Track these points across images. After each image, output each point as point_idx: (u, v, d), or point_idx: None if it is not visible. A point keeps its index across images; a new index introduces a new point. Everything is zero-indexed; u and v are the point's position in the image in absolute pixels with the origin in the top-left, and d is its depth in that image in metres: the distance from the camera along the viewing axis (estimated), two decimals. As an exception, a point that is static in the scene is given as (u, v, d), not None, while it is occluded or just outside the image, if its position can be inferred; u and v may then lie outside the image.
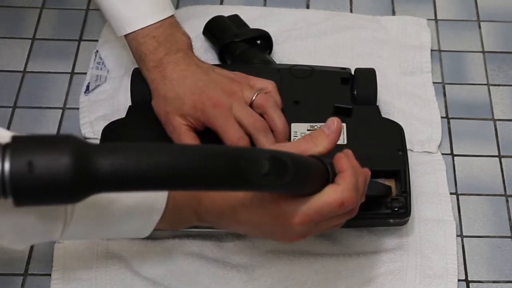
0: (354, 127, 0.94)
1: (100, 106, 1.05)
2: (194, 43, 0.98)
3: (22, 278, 0.91)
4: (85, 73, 1.09)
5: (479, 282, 0.91)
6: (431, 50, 1.11)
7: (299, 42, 1.11)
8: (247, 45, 1.04)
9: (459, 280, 0.90)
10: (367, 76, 0.99)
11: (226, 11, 1.11)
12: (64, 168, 0.54)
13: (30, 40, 1.13)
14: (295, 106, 0.97)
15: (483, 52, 1.13)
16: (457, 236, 0.94)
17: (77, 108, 1.05)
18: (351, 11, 1.17)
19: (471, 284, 0.91)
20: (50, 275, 0.90)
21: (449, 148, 1.02)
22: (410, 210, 0.89)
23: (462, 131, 1.04)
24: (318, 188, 0.72)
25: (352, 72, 1.00)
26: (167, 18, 0.95)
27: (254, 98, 0.92)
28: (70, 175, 0.54)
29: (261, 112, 0.92)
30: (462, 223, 0.96)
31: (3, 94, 1.07)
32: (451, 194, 0.97)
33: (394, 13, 1.17)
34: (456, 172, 1.00)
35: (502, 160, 1.02)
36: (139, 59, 0.95)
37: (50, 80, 1.09)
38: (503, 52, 1.13)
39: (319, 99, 0.97)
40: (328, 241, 0.92)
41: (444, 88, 1.09)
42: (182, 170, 0.59)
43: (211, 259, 0.91)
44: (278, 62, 1.05)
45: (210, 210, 0.75)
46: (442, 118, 1.04)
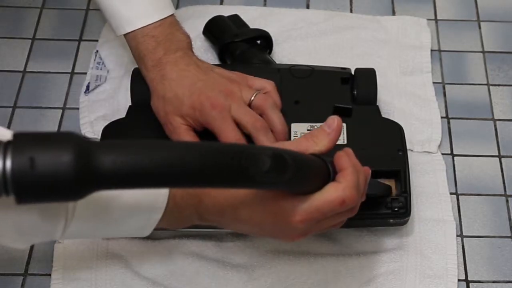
0: (354, 127, 0.94)
1: (100, 106, 1.05)
2: (194, 43, 0.98)
3: (22, 278, 0.91)
4: (85, 73, 1.09)
5: (479, 282, 0.91)
6: (431, 50, 1.11)
7: (299, 42, 1.11)
8: (247, 45, 1.04)
9: (459, 280, 0.90)
10: (367, 76, 0.99)
11: (226, 11, 1.11)
12: (66, 165, 0.54)
13: (30, 40, 1.13)
14: (295, 106, 0.97)
15: (483, 52, 1.13)
16: (457, 236, 0.94)
17: (77, 108, 1.05)
18: (351, 11, 1.17)
19: (471, 284, 0.91)
20: (50, 275, 0.90)
21: (449, 148, 1.02)
22: (410, 210, 0.89)
23: (462, 131, 1.04)
24: (319, 186, 0.72)
25: (352, 72, 1.00)
26: (167, 17, 0.95)
27: (252, 98, 0.92)
28: (72, 172, 0.54)
29: (260, 113, 0.92)
30: (462, 223, 0.96)
31: (3, 94, 1.07)
32: (451, 194, 0.97)
33: (394, 13, 1.17)
34: (456, 172, 1.00)
35: (502, 160, 1.02)
36: (138, 59, 0.95)
37: (50, 80, 1.09)
38: (503, 52, 1.13)
39: (319, 99, 0.97)
40: (328, 241, 0.92)
41: (444, 88, 1.09)
42: (184, 167, 0.59)
43: (211, 259, 0.91)
44: (278, 62, 1.05)
45: (211, 209, 0.75)
46: (442, 118, 1.04)
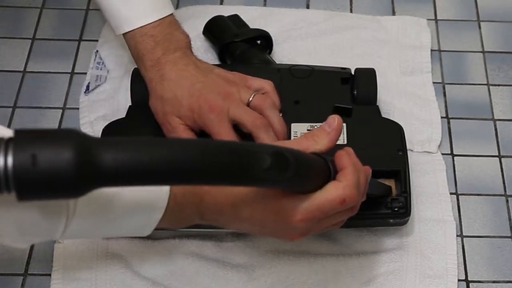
0: (354, 127, 0.94)
1: (100, 106, 1.04)
2: (194, 43, 0.98)
3: (22, 278, 0.91)
4: (85, 73, 1.09)
5: (479, 282, 0.91)
6: (431, 50, 1.11)
7: (299, 42, 1.11)
8: (247, 45, 1.04)
9: (459, 280, 0.90)
10: (367, 76, 0.99)
11: (226, 11, 1.11)
12: (67, 161, 0.54)
13: (30, 40, 1.13)
14: (295, 106, 0.97)
15: (483, 52, 1.13)
16: (457, 236, 0.94)
17: (77, 108, 1.05)
18: (351, 11, 1.17)
19: (471, 284, 0.91)
20: (50, 275, 0.90)
21: (449, 148, 1.02)
22: (410, 210, 0.89)
23: (462, 131, 1.04)
24: (320, 185, 0.72)
25: (352, 72, 1.00)
26: (166, 17, 0.94)
27: (251, 99, 0.92)
28: (73, 169, 0.54)
29: (258, 113, 0.91)
30: (462, 223, 0.96)
31: (3, 94, 1.07)
32: (451, 194, 0.97)
33: (394, 13, 1.17)
34: (456, 172, 1.00)
35: (502, 160, 1.02)
36: (137, 58, 0.95)
37: (50, 80, 1.09)
38: (503, 52, 1.13)
39: (319, 99, 0.97)
40: (328, 241, 0.92)
41: (444, 88, 1.09)
42: (185, 164, 0.59)
43: (211, 259, 0.91)
44: (278, 62, 1.05)
45: (211, 207, 0.75)
46: (442, 118, 1.04)
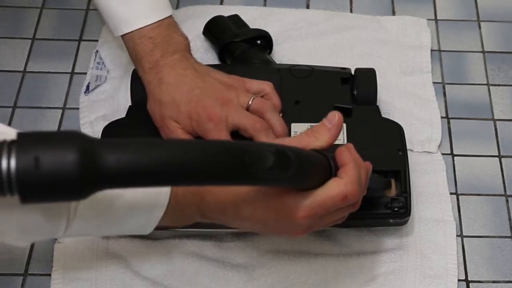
0: (354, 127, 0.94)
1: (100, 106, 1.04)
2: (194, 43, 0.98)
3: (22, 278, 0.91)
4: (85, 73, 1.09)
5: (479, 282, 0.91)
6: (431, 50, 1.11)
7: (299, 42, 1.11)
8: (247, 45, 1.04)
9: (459, 280, 0.90)
10: (367, 76, 0.99)
11: (226, 11, 1.11)
12: (70, 164, 0.54)
13: (30, 40, 1.13)
14: (295, 106, 0.97)
15: (483, 52, 1.13)
16: (457, 236, 0.94)
17: (77, 108, 1.05)
18: (351, 11, 1.17)
19: (471, 284, 0.91)
20: (50, 275, 0.90)
21: (449, 148, 1.02)
22: (410, 210, 0.89)
23: (462, 131, 1.04)
24: (321, 182, 0.72)
25: (352, 72, 1.00)
26: (165, 18, 0.94)
27: (250, 102, 0.92)
28: (76, 172, 0.54)
29: (258, 116, 0.91)
30: (462, 223, 0.96)
31: (3, 94, 1.07)
32: (451, 194, 0.97)
33: (394, 13, 1.17)
34: (456, 172, 1.00)
35: (502, 160, 1.02)
36: (136, 60, 0.94)
37: (50, 80, 1.09)
38: (503, 52, 1.13)
39: (319, 99, 0.97)
40: (328, 241, 0.92)
41: (444, 88, 1.09)
42: (187, 165, 0.59)
43: (211, 259, 0.91)
44: (278, 62, 1.05)
45: (212, 206, 0.75)
46: (442, 118, 1.04)
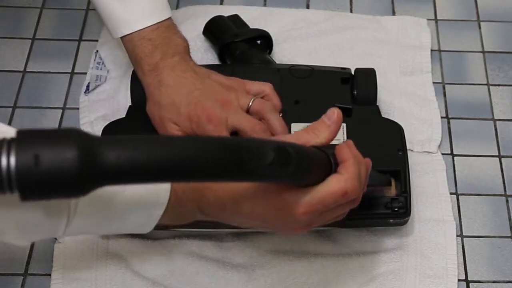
0: (354, 127, 0.94)
1: (100, 106, 1.04)
2: (194, 43, 0.98)
3: (22, 278, 0.91)
4: (85, 73, 1.09)
5: (479, 282, 0.91)
6: (431, 50, 1.11)
7: (299, 42, 1.11)
8: (247, 45, 1.04)
9: (459, 280, 0.90)
10: (367, 76, 0.99)
11: (226, 11, 1.11)
12: (70, 161, 0.54)
13: (30, 40, 1.13)
14: (295, 106, 0.97)
15: (483, 52, 1.13)
16: (457, 236, 0.94)
17: (77, 108, 1.05)
18: (351, 11, 1.17)
19: (471, 284, 0.91)
20: (50, 275, 0.90)
21: (449, 148, 1.02)
22: (410, 210, 0.89)
23: (462, 131, 1.04)
24: (321, 178, 0.72)
25: (352, 72, 1.00)
26: (164, 20, 0.94)
27: (250, 104, 0.92)
28: (76, 169, 0.54)
29: (259, 118, 0.91)
30: (462, 223, 0.96)
31: (3, 94, 1.07)
32: (451, 194, 0.97)
33: (394, 13, 1.17)
34: (456, 172, 1.00)
35: (502, 160, 1.02)
36: (135, 62, 0.94)
37: (50, 80, 1.09)
38: (503, 52, 1.13)
39: (319, 99, 0.97)
40: (328, 241, 0.92)
41: (444, 88, 1.09)
42: (188, 162, 0.59)
43: (211, 259, 0.91)
44: (278, 62, 1.05)
45: (212, 203, 0.75)
46: (442, 118, 1.04)
